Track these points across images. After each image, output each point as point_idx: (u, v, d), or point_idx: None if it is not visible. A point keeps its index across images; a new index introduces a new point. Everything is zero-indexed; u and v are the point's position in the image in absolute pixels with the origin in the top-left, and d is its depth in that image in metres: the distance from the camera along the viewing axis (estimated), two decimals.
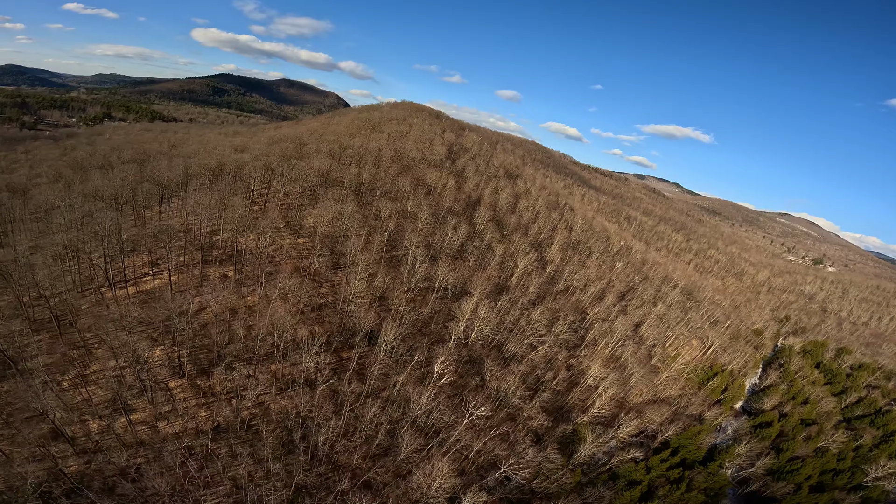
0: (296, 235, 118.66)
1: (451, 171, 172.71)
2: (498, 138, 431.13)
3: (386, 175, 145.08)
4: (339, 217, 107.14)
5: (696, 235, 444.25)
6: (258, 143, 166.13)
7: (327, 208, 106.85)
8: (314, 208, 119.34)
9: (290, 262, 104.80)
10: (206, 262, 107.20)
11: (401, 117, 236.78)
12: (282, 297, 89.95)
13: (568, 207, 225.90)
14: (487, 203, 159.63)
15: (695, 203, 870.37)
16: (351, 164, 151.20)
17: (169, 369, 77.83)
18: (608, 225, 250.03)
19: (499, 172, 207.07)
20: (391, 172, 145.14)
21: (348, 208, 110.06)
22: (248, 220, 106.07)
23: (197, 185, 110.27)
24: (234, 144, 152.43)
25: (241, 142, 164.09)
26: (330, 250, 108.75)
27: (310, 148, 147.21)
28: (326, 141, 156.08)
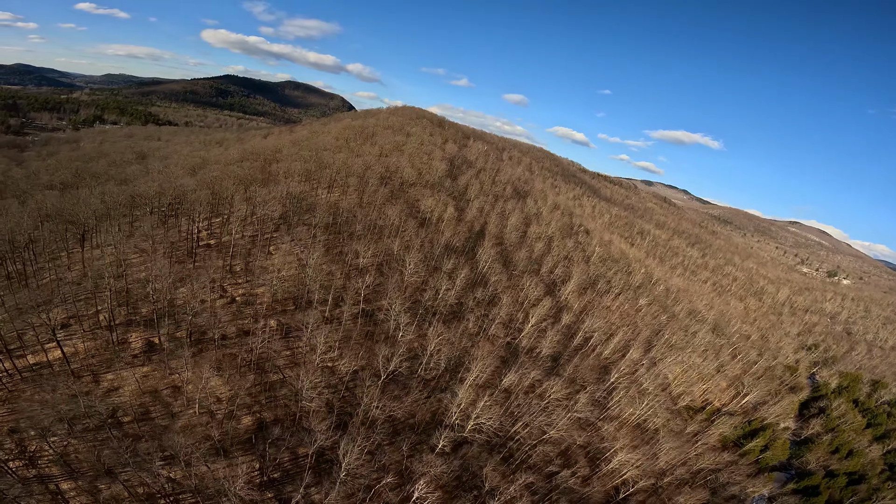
0: (241, 292, 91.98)
1: (452, 193, 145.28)
2: (504, 145, 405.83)
3: (371, 202, 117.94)
4: (300, 268, 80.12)
5: (711, 250, 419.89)
6: (229, 157, 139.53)
7: (285, 257, 79.66)
8: (271, 254, 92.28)
9: (222, 350, 77.94)
10: (129, 322, 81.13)
11: (398, 125, 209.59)
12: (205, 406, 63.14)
13: (583, 230, 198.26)
14: (493, 234, 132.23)
15: (705, 212, 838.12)
16: (331, 186, 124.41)
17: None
18: (626, 248, 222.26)
19: (506, 190, 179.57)
20: (378, 198, 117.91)
21: (315, 256, 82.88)
22: (180, 272, 79.38)
23: (120, 222, 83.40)
24: (191, 163, 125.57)
25: (202, 158, 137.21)
26: (284, 317, 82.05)
27: (280, 167, 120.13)
28: (302, 158, 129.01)
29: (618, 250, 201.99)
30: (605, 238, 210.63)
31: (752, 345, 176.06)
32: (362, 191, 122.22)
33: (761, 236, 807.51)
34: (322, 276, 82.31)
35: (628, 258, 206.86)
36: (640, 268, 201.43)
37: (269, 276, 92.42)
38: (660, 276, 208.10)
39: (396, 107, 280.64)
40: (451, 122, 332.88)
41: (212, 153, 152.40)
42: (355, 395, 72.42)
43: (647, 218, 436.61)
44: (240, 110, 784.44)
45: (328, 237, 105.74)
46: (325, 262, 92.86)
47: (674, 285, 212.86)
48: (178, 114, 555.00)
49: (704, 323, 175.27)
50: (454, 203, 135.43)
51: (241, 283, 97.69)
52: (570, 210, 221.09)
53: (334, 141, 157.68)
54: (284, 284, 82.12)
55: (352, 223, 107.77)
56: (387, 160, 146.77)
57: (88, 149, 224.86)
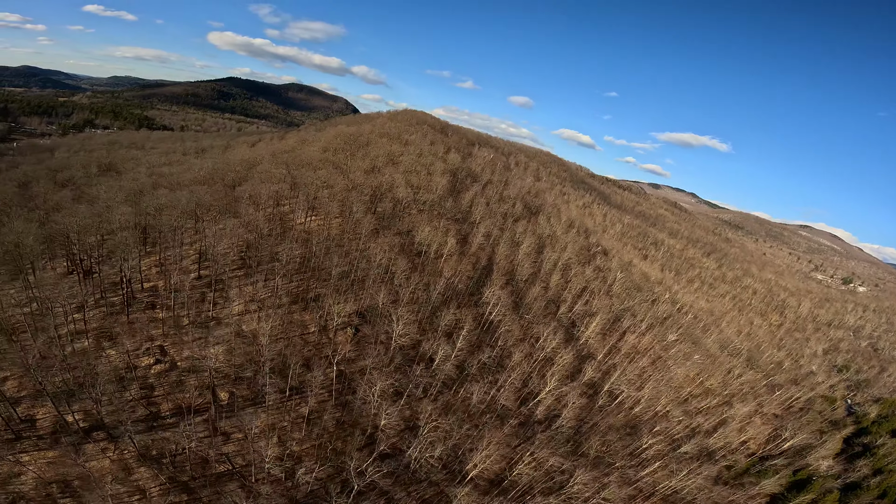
0: (185, 355, 70.79)
1: (454, 216, 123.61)
2: (511, 149, 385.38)
3: (356, 233, 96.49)
4: (265, 319, 59.27)
5: (727, 260, 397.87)
6: (193, 175, 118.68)
7: (248, 304, 58.83)
8: (231, 300, 71.39)
9: (152, 433, 56.80)
10: (37, 395, 60.81)
11: (395, 132, 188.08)
12: None
13: (600, 250, 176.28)
14: (502, 267, 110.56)
15: (716, 216, 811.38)
16: (309, 211, 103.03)
17: None
18: (648, 269, 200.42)
19: (516, 207, 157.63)
20: (364, 228, 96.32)
21: (270, 322, 61.73)
22: (110, 328, 58.45)
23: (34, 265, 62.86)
24: (145, 183, 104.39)
25: (164, 174, 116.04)
26: (239, 386, 60.86)
27: (244, 190, 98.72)
28: (276, 177, 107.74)
29: (640, 273, 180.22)
30: (624, 258, 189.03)
31: (787, 373, 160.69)
32: (346, 218, 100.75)
33: (773, 241, 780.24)
34: (289, 330, 60.72)
35: (650, 280, 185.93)
36: (664, 292, 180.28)
37: (223, 331, 71.59)
38: (685, 302, 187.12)
39: (396, 111, 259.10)
40: (455, 127, 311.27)
41: (174, 170, 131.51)
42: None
43: (660, 226, 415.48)
44: (241, 113, 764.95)
45: (299, 282, 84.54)
46: (294, 312, 71.72)
47: (700, 309, 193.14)
48: (175, 117, 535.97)
49: (739, 356, 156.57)
50: (456, 229, 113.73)
51: (187, 341, 76.80)
52: (584, 226, 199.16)
53: (320, 153, 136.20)
54: (241, 344, 60.91)
55: (328, 263, 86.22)
56: (378, 177, 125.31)
57: (59, 159, 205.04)
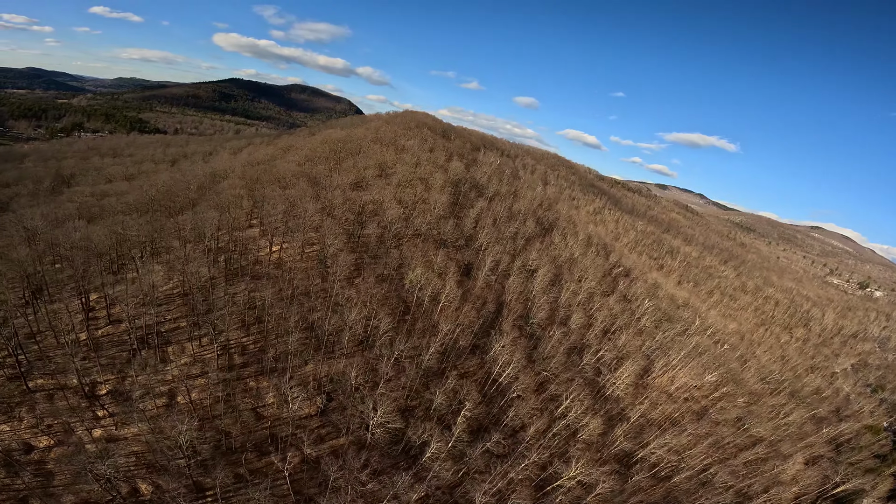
0: (97, 434, 50.19)
1: (455, 242, 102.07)
2: (517, 152, 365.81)
3: (324, 276, 75.12)
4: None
5: (746, 267, 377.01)
6: (135, 198, 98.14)
7: (189, 368, 39.74)
8: (168, 360, 50.73)
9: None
10: None
11: (391, 137, 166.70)
12: None
13: (622, 272, 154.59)
14: (514, 309, 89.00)
15: (727, 219, 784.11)
16: (273, 245, 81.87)
17: None
18: (674, 291, 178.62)
19: (527, 225, 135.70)
20: (338, 268, 74.85)
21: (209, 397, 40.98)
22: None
23: None
24: (77, 207, 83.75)
25: (108, 193, 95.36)
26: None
27: (186, 220, 77.40)
28: (233, 200, 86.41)
29: (666, 297, 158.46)
30: (648, 278, 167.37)
31: (828, 401, 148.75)
32: (318, 251, 79.37)
33: (786, 244, 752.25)
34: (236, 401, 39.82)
35: (677, 303, 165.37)
36: (693, 317, 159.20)
37: (150, 402, 50.87)
38: (716, 326, 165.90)
39: (394, 113, 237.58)
40: (458, 129, 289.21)
41: (123, 187, 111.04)
42: None
43: (674, 232, 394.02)
44: (242, 115, 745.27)
45: (255, 336, 63.53)
46: (247, 377, 50.71)
47: (730, 332, 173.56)
48: (171, 120, 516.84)
49: (780, 389, 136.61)
50: (457, 261, 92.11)
51: (100, 418, 56.57)
52: (602, 241, 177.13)
53: (297, 165, 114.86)
54: (173, 419, 40.34)
55: (290, 317, 64.87)
56: (364, 194, 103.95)
57: (28, 168, 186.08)
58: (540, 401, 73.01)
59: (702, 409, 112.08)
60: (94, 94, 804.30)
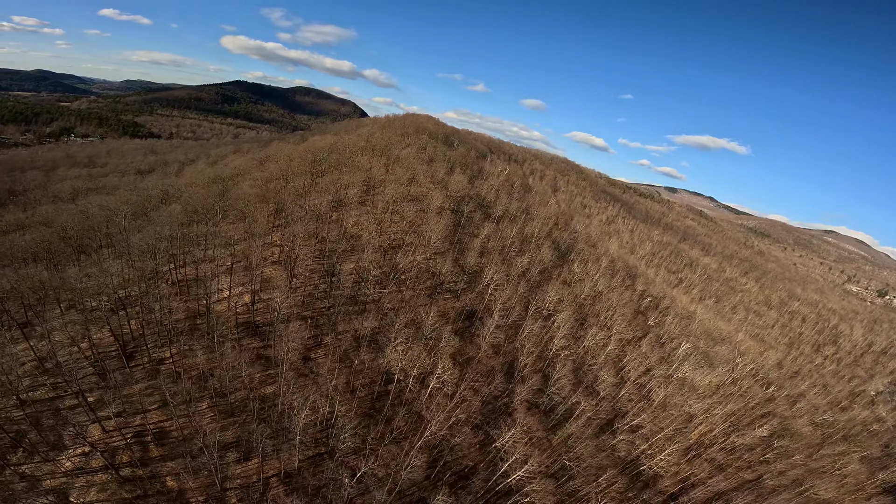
0: None
1: (454, 287, 79.15)
2: (525, 157, 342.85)
3: (271, 362, 52.39)
4: None
5: (767, 279, 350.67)
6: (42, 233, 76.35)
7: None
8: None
9: None
10: None
11: (384, 144, 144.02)
12: None
13: (652, 303, 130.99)
14: (529, 378, 65.99)
15: (740, 223, 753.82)
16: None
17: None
18: (710, 321, 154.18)
19: (542, 253, 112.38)
20: (286, 350, 51.95)
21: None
22: None
23: None
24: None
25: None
26: None
27: (80, 272, 55.03)
28: (155, 243, 63.83)
29: (703, 331, 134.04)
30: (679, 305, 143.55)
31: (877, 437, 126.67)
32: (265, 313, 56.58)
33: (802, 250, 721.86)
34: None
35: (714, 336, 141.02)
36: (734, 354, 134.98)
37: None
38: (759, 361, 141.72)
39: (393, 116, 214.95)
40: (462, 133, 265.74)
41: (42, 214, 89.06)
42: None
43: (691, 241, 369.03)
44: (245, 117, 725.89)
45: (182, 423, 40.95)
46: None
47: (771, 364, 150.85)
48: (168, 123, 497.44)
49: (835, 433, 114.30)
50: (456, 314, 68.92)
51: None
52: (626, 264, 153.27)
53: (259, 189, 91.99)
54: None
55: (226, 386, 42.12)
56: (335, 227, 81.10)
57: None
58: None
59: (756, 477, 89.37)
60: (98, 96, 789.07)
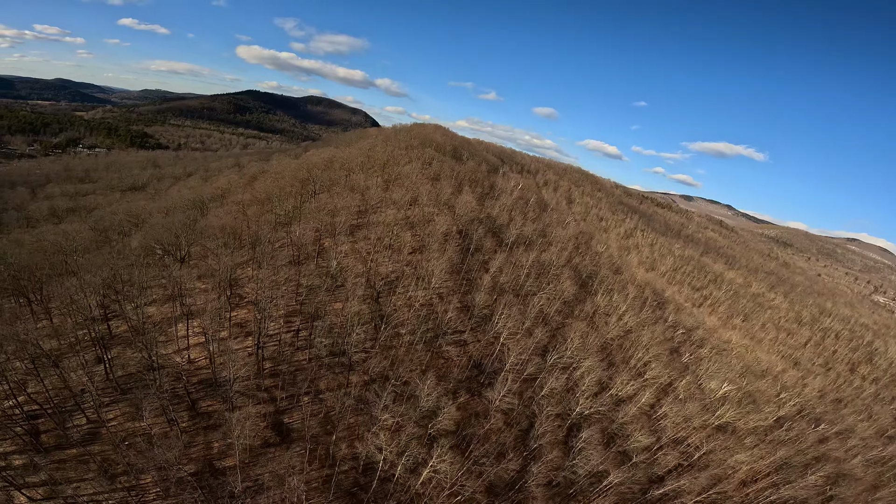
0: None
1: (461, 336, 64.77)
2: (538, 167, 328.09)
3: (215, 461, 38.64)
4: None
5: (796, 293, 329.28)
6: None
7: None
8: None
9: None
10: None
11: (385, 158, 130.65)
12: None
13: (685, 337, 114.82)
14: (547, 455, 51.44)
15: (761, 233, 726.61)
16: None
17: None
18: (747, 351, 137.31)
19: (561, 284, 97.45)
20: (244, 437, 38.04)
21: None
22: None
23: None
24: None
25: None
26: None
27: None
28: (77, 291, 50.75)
29: (743, 367, 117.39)
30: (715, 337, 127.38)
31: None
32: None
33: (826, 259, 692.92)
34: None
35: (757, 371, 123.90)
36: (776, 387, 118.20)
37: None
38: (805, 395, 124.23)
39: (399, 126, 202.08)
40: (473, 144, 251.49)
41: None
42: None
43: (713, 253, 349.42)
44: (256, 127, 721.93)
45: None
46: None
47: (814, 392, 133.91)
48: (178, 133, 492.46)
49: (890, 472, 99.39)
50: (458, 392, 54.46)
51: None
52: (653, 288, 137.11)
53: (232, 218, 78.80)
54: None
55: None
56: (312, 265, 67.26)
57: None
58: None
59: None
60: (116, 106, 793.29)
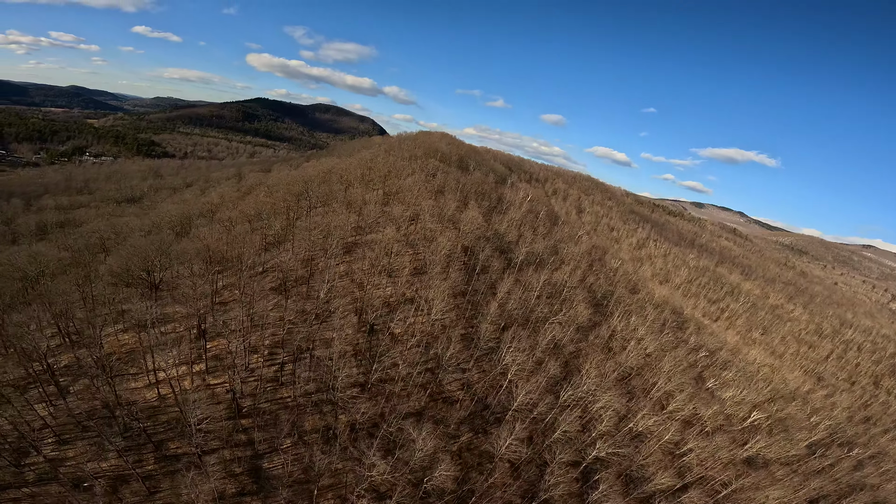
0: None
1: (463, 375, 56.40)
2: (547, 175, 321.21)
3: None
4: None
5: (815, 304, 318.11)
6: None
7: None
8: None
9: None
10: None
11: (386, 170, 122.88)
12: None
13: (708, 359, 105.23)
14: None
15: (775, 241, 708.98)
16: None
17: None
18: (787, 374, 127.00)
19: (575, 308, 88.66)
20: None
21: None
22: None
23: None
24: None
25: None
26: None
27: None
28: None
29: (773, 390, 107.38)
30: (741, 358, 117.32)
31: None
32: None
33: (843, 267, 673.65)
34: None
35: (784, 394, 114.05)
36: (809, 413, 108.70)
37: None
38: (834, 416, 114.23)
39: (404, 135, 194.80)
40: (482, 152, 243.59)
41: None
42: None
43: (729, 263, 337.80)
44: (264, 135, 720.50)
45: None
46: None
47: (844, 414, 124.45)
48: (186, 142, 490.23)
49: None
50: (459, 439, 46.03)
51: None
52: (672, 306, 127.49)
53: (213, 237, 71.22)
54: None
55: None
56: (296, 298, 59.24)
57: None
58: None
59: None
60: (128, 113, 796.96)
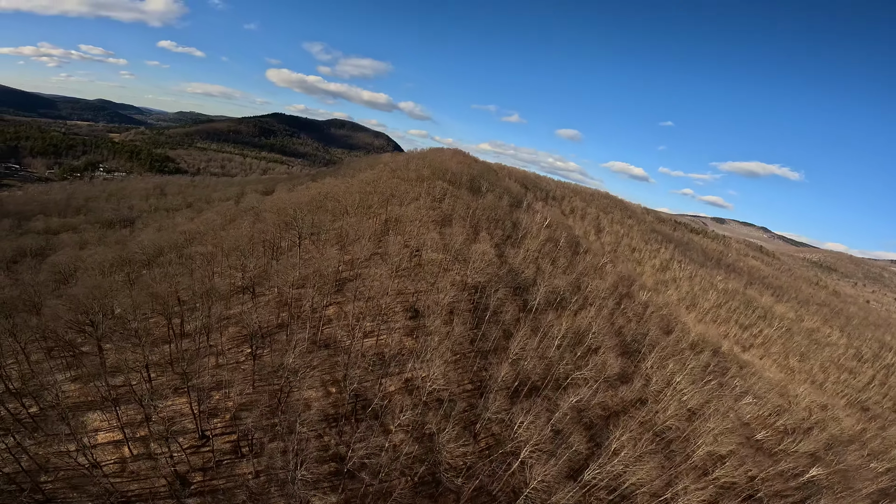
0: None
1: (464, 459, 42.78)
2: (564, 192, 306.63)
3: None
4: None
5: (853, 326, 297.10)
6: None
7: None
8: None
9: None
10: None
11: (389, 192, 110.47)
12: None
13: (754, 406, 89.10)
14: None
15: (802, 257, 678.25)
16: None
17: None
18: (843, 419, 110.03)
19: (602, 357, 74.42)
20: None
21: None
22: None
23: None
24: None
25: None
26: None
27: None
28: None
29: (828, 436, 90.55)
30: (777, 382, 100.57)
31: None
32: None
33: (874, 284, 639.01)
34: None
35: (841, 439, 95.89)
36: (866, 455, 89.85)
37: None
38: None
39: (411, 153, 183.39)
40: (494, 171, 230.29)
41: None
42: None
43: (759, 284, 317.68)
44: (280, 151, 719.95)
45: None
46: None
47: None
48: (200, 157, 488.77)
49: None
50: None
51: None
52: (709, 341, 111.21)
53: (171, 283, 59.12)
54: None
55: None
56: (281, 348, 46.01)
57: None
58: None
59: None
60: (151, 127, 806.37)
